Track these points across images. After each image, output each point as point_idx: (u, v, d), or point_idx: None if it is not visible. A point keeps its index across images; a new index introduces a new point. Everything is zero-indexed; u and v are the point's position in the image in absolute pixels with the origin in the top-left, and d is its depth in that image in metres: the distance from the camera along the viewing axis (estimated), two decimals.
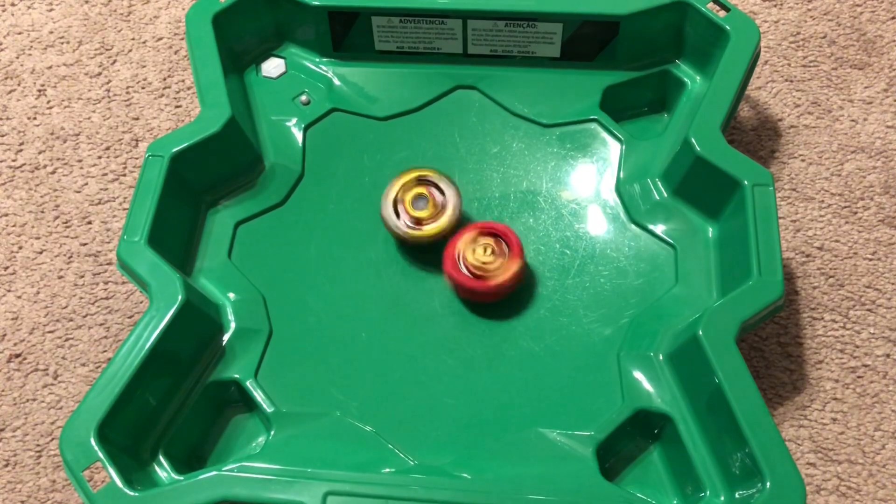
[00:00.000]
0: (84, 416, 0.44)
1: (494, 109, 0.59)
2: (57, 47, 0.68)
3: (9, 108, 0.65)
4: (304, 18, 0.59)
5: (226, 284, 0.52)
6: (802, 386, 0.52)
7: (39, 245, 0.59)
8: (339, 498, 0.42)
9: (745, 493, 0.43)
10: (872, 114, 0.62)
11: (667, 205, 0.54)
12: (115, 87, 0.66)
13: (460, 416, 0.48)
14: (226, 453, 0.49)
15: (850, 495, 0.49)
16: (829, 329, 0.54)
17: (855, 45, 0.65)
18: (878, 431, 0.51)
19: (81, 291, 0.57)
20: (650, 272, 0.52)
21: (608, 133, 0.57)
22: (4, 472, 0.52)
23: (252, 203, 0.55)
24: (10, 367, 0.55)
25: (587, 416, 0.48)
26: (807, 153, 0.60)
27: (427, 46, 0.60)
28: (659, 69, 0.59)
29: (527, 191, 0.56)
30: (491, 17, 0.58)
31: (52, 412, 0.53)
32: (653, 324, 0.50)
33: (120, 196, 0.61)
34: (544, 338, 0.51)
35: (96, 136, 0.64)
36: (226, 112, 0.54)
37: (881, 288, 0.55)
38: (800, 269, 0.56)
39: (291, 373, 0.50)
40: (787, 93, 0.63)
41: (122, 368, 0.45)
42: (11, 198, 0.61)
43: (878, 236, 0.57)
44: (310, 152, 0.58)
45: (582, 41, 0.58)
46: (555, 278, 0.53)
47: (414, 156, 0.58)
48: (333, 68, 0.61)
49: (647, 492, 0.46)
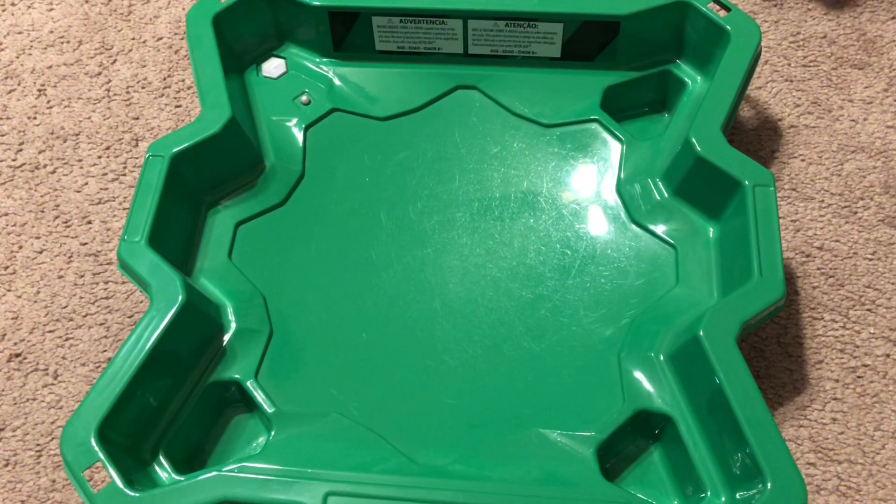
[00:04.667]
0: (84, 416, 0.44)
1: (495, 109, 0.59)
2: (57, 47, 0.68)
3: (9, 108, 0.65)
4: (304, 18, 0.59)
5: (226, 284, 0.52)
6: (802, 386, 0.52)
7: (39, 245, 0.59)
8: (339, 498, 0.42)
9: (745, 494, 0.43)
10: (872, 114, 0.62)
11: (667, 205, 0.54)
12: (115, 86, 0.66)
13: (461, 417, 0.48)
14: (226, 453, 0.49)
15: (850, 495, 0.49)
16: (829, 329, 0.54)
17: (855, 45, 0.65)
18: (878, 431, 0.51)
19: (81, 291, 0.57)
20: (651, 272, 0.52)
21: (609, 133, 0.57)
22: (4, 471, 0.52)
23: (252, 203, 0.55)
24: (10, 367, 0.55)
25: (588, 417, 0.48)
26: (807, 153, 0.60)
27: (427, 46, 0.60)
28: (659, 69, 0.59)
29: (527, 191, 0.56)
30: (491, 17, 0.58)
31: (53, 412, 0.53)
32: (653, 324, 0.50)
33: (120, 196, 0.61)
34: (545, 338, 0.51)
35: (96, 136, 0.64)
36: (226, 112, 0.54)
37: (881, 288, 0.55)
38: (800, 269, 0.56)
39: (292, 373, 0.50)
40: (787, 93, 0.63)
41: (122, 368, 0.45)
42: (11, 197, 0.61)
43: (878, 236, 0.57)
44: (310, 152, 0.58)
45: (582, 41, 0.58)
46: (555, 278, 0.53)
47: (414, 156, 0.58)
48: (334, 68, 0.61)
49: (647, 492, 0.46)
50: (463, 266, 0.53)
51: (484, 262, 0.54)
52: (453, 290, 0.53)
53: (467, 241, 0.54)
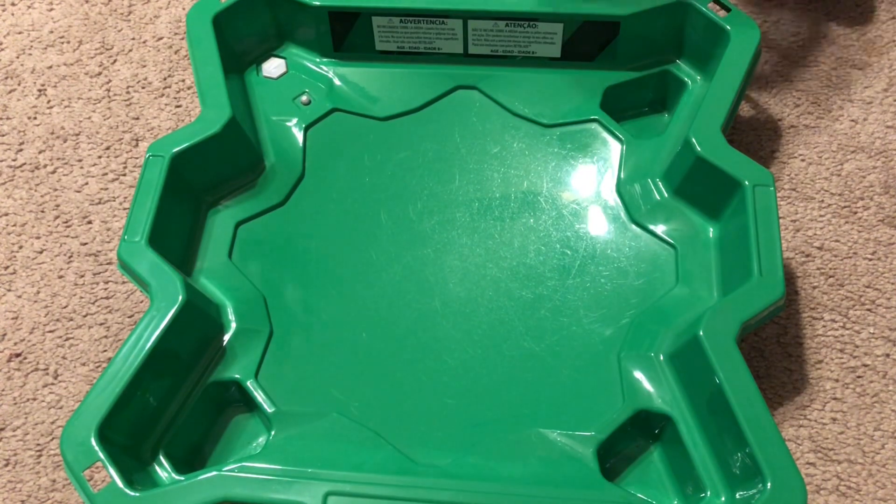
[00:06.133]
0: (85, 416, 0.44)
1: (495, 109, 0.59)
2: (57, 47, 0.68)
3: (9, 108, 0.65)
4: (304, 18, 0.59)
5: (226, 284, 0.52)
6: (802, 386, 0.52)
7: (40, 244, 0.59)
8: (339, 498, 0.42)
9: (745, 494, 0.43)
10: (872, 114, 0.62)
11: (667, 205, 0.54)
12: (115, 86, 0.66)
13: (461, 417, 0.48)
14: (226, 453, 0.49)
15: (849, 495, 0.49)
16: (829, 329, 0.54)
17: (855, 45, 0.65)
18: (877, 431, 0.51)
19: (82, 291, 0.57)
20: (651, 272, 0.52)
21: (609, 133, 0.57)
22: (4, 471, 0.52)
23: (252, 203, 0.55)
24: (11, 367, 0.55)
25: (587, 417, 0.48)
26: (807, 153, 0.60)
27: (427, 46, 0.60)
28: (659, 69, 0.59)
29: (527, 191, 0.56)
30: (491, 17, 0.58)
31: (53, 412, 0.53)
32: (653, 324, 0.50)
33: (120, 196, 0.61)
34: (545, 338, 0.51)
35: (96, 136, 0.64)
36: (226, 112, 0.54)
37: (881, 288, 0.55)
38: (800, 269, 0.56)
39: (292, 373, 0.50)
40: (787, 93, 0.63)
41: (122, 368, 0.46)
42: (12, 197, 0.61)
43: (877, 236, 0.57)
44: (310, 152, 0.58)
45: (582, 41, 0.58)
46: (555, 278, 0.53)
47: (414, 156, 0.58)
48: (334, 68, 0.61)
49: (647, 492, 0.46)
50: (463, 266, 0.53)
51: (484, 262, 0.54)
52: (453, 289, 0.53)
53: (467, 241, 0.54)
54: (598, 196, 0.56)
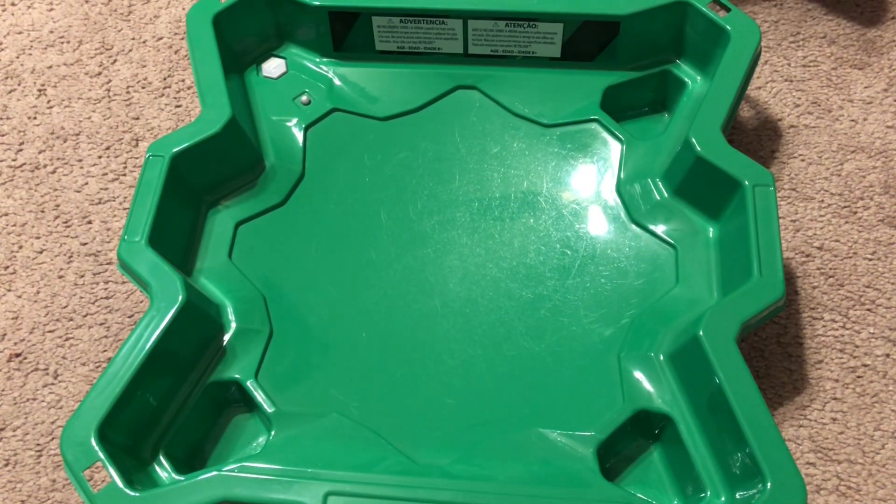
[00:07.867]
0: (84, 415, 0.44)
1: (495, 109, 0.59)
2: (57, 47, 0.68)
3: (9, 108, 0.65)
4: (304, 18, 0.59)
5: (226, 284, 0.52)
6: (802, 386, 0.52)
7: (40, 244, 0.59)
8: (339, 498, 0.42)
9: (745, 494, 0.43)
10: (872, 114, 0.62)
11: (667, 205, 0.54)
12: (115, 86, 0.66)
13: (461, 416, 0.48)
14: (226, 453, 0.49)
15: (849, 495, 0.49)
16: (829, 329, 0.54)
17: (855, 45, 0.65)
18: (877, 431, 0.51)
19: (81, 291, 0.57)
20: (651, 272, 0.52)
21: (609, 133, 0.57)
22: (4, 471, 0.52)
23: (252, 203, 0.55)
24: (11, 367, 0.55)
25: (587, 417, 0.48)
26: (807, 153, 0.60)
27: (427, 46, 0.60)
28: (659, 69, 0.59)
29: (527, 191, 0.56)
30: (491, 17, 0.58)
31: (53, 412, 0.53)
32: (653, 324, 0.50)
33: (120, 196, 0.61)
34: (545, 338, 0.51)
35: (96, 136, 0.64)
36: (226, 112, 0.54)
37: (881, 288, 0.55)
38: (800, 269, 0.56)
39: (292, 373, 0.50)
40: (787, 93, 0.63)
41: (122, 368, 0.46)
42: (11, 197, 0.61)
43: (877, 236, 0.57)
44: (310, 152, 0.58)
45: (582, 41, 0.58)
46: (555, 278, 0.53)
47: (414, 156, 0.58)
48: (334, 68, 0.61)
49: (647, 492, 0.46)
50: (463, 266, 0.53)
51: (484, 261, 0.54)
52: (453, 289, 0.53)
53: (467, 241, 0.54)
54: (598, 196, 0.56)
